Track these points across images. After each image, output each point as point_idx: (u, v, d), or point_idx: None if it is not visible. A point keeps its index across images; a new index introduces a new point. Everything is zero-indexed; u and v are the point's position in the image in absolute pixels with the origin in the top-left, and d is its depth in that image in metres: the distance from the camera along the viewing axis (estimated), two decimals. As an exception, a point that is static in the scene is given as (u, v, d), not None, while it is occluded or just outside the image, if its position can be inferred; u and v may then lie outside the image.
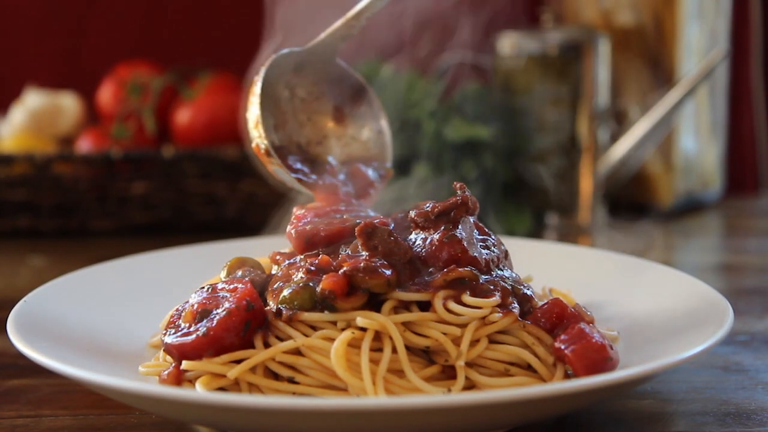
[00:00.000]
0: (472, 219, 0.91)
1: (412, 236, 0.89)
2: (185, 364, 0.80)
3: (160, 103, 1.78)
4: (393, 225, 0.89)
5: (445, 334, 0.81)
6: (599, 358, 0.80)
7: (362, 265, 0.82)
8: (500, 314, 0.83)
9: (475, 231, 0.90)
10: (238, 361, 0.80)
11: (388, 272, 0.82)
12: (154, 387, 0.75)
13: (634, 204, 1.86)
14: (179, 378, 0.81)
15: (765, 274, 1.46)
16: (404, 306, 0.83)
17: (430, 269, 0.85)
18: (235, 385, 0.81)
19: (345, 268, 0.82)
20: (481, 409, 0.68)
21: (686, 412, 0.85)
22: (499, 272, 0.88)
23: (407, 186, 1.49)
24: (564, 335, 0.83)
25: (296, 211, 0.94)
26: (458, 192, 0.90)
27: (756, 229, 1.85)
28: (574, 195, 1.70)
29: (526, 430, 0.80)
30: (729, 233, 1.84)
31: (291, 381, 0.80)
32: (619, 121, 1.80)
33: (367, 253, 0.84)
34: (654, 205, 1.85)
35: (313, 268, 0.84)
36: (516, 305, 0.85)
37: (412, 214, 0.89)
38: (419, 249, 0.87)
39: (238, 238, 1.21)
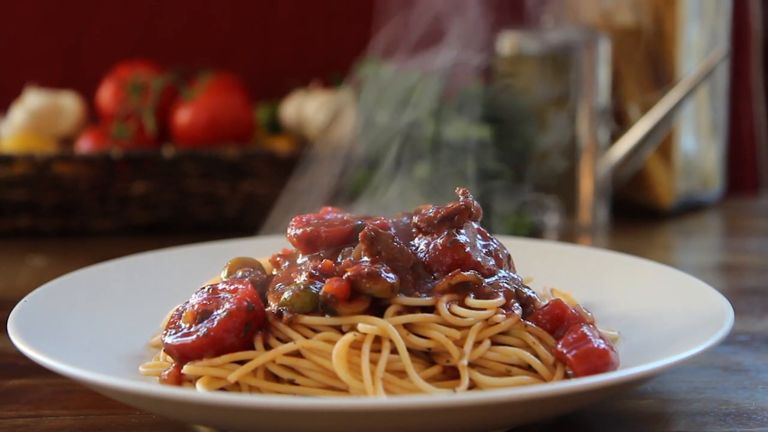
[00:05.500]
0: (475, 225, 0.91)
1: (415, 241, 0.89)
2: (186, 369, 0.80)
3: (160, 103, 1.78)
4: (395, 230, 0.89)
5: (446, 336, 0.81)
6: (601, 364, 0.80)
7: (366, 270, 0.81)
8: (503, 315, 0.83)
9: (478, 236, 0.90)
10: (239, 362, 0.80)
11: (392, 278, 0.82)
12: (154, 387, 0.75)
13: (634, 204, 1.86)
14: (180, 378, 0.81)
15: (765, 274, 1.46)
16: (407, 310, 0.83)
17: (434, 274, 0.85)
18: (236, 386, 0.81)
19: (348, 273, 0.82)
20: (483, 409, 0.68)
21: (686, 412, 0.85)
22: (501, 275, 0.88)
23: (407, 186, 1.49)
24: (566, 338, 0.82)
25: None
26: (461, 197, 0.90)
27: (756, 229, 1.85)
28: (574, 195, 1.70)
29: (526, 430, 0.80)
30: (729, 233, 1.84)
31: (291, 383, 0.80)
32: (619, 121, 1.80)
33: (369, 258, 0.84)
34: (654, 205, 1.85)
35: (315, 272, 0.84)
36: (518, 306, 0.85)
37: (415, 219, 0.89)
38: (422, 254, 0.87)
39: (238, 238, 1.21)
